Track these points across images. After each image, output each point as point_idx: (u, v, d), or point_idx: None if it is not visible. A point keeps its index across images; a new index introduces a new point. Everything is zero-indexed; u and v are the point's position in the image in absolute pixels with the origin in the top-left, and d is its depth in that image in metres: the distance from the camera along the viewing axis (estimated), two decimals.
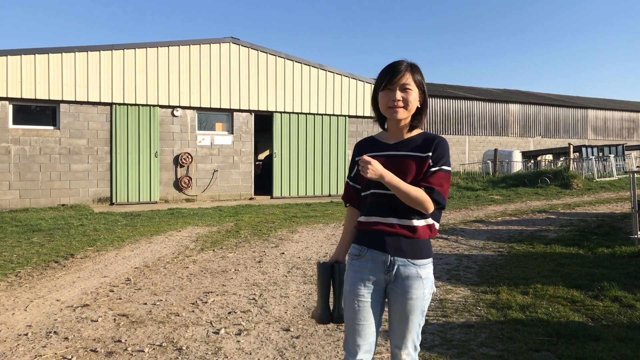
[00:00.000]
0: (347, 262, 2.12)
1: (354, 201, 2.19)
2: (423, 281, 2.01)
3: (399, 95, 2.00)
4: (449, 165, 2.04)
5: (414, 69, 2.05)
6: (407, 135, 2.09)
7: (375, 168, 1.89)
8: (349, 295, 2.06)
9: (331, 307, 2.21)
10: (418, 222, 2.00)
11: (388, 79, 2.02)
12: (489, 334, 3.72)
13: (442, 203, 1.99)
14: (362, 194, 2.13)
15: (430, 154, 2.01)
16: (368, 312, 2.03)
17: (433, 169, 1.99)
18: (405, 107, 2.02)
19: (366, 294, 2.03)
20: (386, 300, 2.10)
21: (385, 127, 2.18)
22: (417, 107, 2.08)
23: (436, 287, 5.07)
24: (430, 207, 1.96)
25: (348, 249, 2.21)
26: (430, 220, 2.03)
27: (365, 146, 2.16)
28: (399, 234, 1.99)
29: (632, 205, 7.12)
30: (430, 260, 2.06)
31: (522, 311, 4.20)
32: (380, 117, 2.17)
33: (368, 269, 2.03)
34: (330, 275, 2.17)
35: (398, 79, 2.00)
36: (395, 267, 2.00)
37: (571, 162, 19.27)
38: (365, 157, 1.90)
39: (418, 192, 1.93)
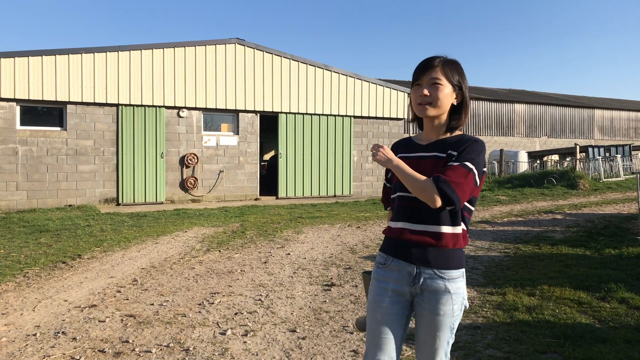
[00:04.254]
0: (373, 271, 2.02)
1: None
2: (452, 296, 1.84)
3: (426, 91, 1.88)
4: (477, 165, 1.79)
5: (447, 64, 1.90)
6: (442, 137, 1.93)
7: (385, 153, 1.80)
8: (372, 305, 1.94)
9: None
10: (447, 229, 1.84)
11: (416, 74, 1.91)
12: (495, 335, 3.72)
13: (451, 197, 1.71)
14: (391, 196, 2.02)
15: (457, 152, 1.82)
16: (390, 325, 1.90)
17: (451, 164, 1.79)
18: (434, 103, 1.88)
19: (389, 305, 1.90)
20: (412, 313, 1.98)
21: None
22: (454, 105, 1.93)
23: None
24: (436, 197, 1.72)
25: None
26: (460, 228, 1.87)
27: (398, 146, 2.05)
28: (426, 242, 1.84)
29: (639, 205, 7.08)
30: (461, 272, 1.88)
31: (528, 312, 4.19)
32: (418, 118, 2.02)
33: (393, 279, 1.91)
34: None
35: (426, 73, 1.88)
36: (422, 279, 1.86)
37: (577, 162, 19.17)
38: (377, 144, 1.83)
39: (424, 180, 1.75)
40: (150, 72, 13.08)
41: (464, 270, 1.91)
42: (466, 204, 1.88)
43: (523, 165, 22.07)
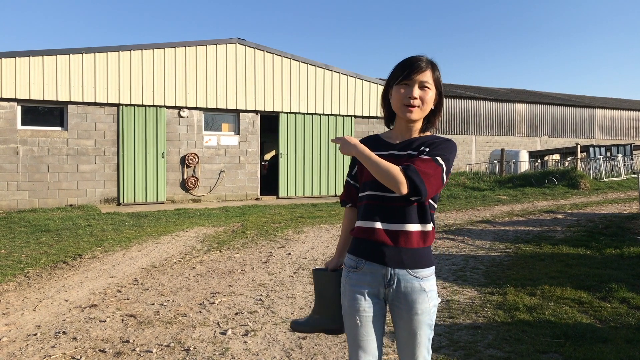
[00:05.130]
0: (343, 275, 1.98)
1: (355, 201, 2.04)
2: (427, 294, 1.86)
3: (417, 92, 1.83)
4: (447, 162, 1.79)
5: (434, 66, 1.89)
6: (415, 135, 1.93)
7: (348, 139, 1.79)
8: (349, 310, 1.92)
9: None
10: (418, 227, 1.84)
11: (407, 73, 1.84)
12: (496, 335, 3.71)
13: (419, 187, 1.70)
14: (359, 194, 1.97)
15: (428, 149, 1.83)
16: (370, 327, 1.91)
17: (422, 156, 1.79)
18: (422, 106, 1.86)
19: (367, 308, 1.90)
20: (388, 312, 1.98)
21: (392, 126, 2.02)
22: (432, 108, 1.93)
23: (443, 287, 5.07)
24: (403, 184, 1.70)
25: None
26: (430, 225, 1.87)
27: (368, 144, 1.96)
28: (399, 243, 1.83)
29: None
30: (432, 269, 1.90)
31: (529, 312, 4.19)
32: (388, 115, 2.00)
33: (367, 282, 1.89)
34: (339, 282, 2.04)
35: (418, 74, 1.83)
36: (396, 280, 1.85)
37: (579, 162, 19.15)
38: (343, 137, 1.82)
39: (390, 166, 1.71)
40: (151, 72, 13.09)
41: (434, 267, 1.93)
42: (431, 200, 1.88)
43: (524, 165, 22.02)
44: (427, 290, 1.86)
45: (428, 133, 1.98)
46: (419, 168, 1.73)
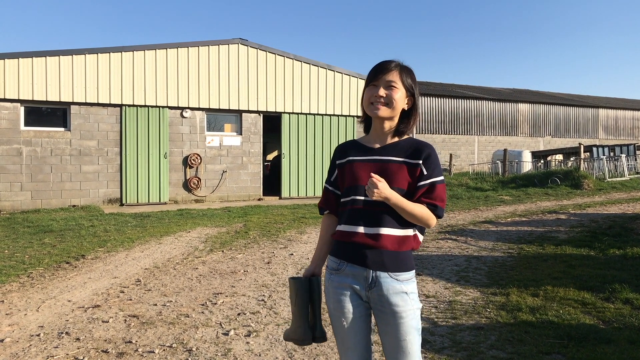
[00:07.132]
0: (326, 277, 2.01)
1: (334, 208, 2.06)
2: (409, 296, 1.88)
3: (382, 91, 1.91)
4: (442, 174, 1.95)
5: (403, 69, 1.95)
6: (392, 140, 1.98)
7: (383, 189, 1.78)
8: (334, 313, 1.96)
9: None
10: (402, 232, 1.89)
11: (373, 75, 1.94)
12: (498, 336, 3.71)
13: (442, 216, 1.92)
14: (342, 200, 2.00)
15: (421, 162, 1.89)
16: (356, 328, 1.94)
17: (428, 182, 1.89)
18: (389, 104, 1.91)
19: (351, 309, 1.92)
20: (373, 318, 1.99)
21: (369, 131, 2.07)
22: (404, 110, 1.97)
23: (446, 288, 5.06)
24: (434, 222, 1.89)
25: (325, 260, 2.08)
26: (413, 231, 1.93)
27: (348, 149, 2.03)
28: (381, 246, 1.86)
29: None
30: (412, 273, 1.92)
31: (532, 313, 4.18)
32: (366, 119, 2.06)
33: (349, 284, 1.92)
34: (309, 291, 2.02)
35: (383, 75, 1.92)
36: (378, 283, 1.87)
37: (582, 162, 19.10)
38: (376, 176, 1.79)
39: (423, 211, 1.85)
40: (154, 72, 13.11)
41: (414, 271, 1.95)
42: None
43: (527, 165, 21.98)
44: (409, 293, 1.88)
45: (405, 136, 2.01)
46: (441, 203, 1.89)
